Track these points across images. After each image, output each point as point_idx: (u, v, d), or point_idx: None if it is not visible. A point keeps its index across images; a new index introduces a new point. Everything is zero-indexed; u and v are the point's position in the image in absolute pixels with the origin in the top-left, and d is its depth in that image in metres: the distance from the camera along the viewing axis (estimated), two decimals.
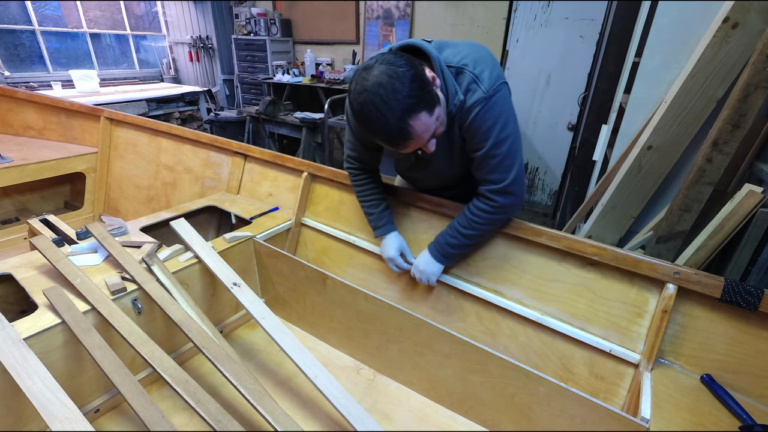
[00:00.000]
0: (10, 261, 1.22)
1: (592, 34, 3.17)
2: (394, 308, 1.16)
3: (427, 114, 0.90)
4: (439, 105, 0.94)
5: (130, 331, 0.99)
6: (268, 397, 0.92)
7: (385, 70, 0.86)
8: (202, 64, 6.53)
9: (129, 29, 6.32)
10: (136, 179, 2.29)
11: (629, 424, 0.85)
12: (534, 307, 1.22)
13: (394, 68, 0.86)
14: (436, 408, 1.18)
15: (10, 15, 5.03)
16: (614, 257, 1.08)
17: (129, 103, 4.00)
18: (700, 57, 1.29)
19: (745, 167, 1.36)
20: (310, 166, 1.65)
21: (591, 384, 1.14)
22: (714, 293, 0.96)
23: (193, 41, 6.35)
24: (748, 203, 1.15)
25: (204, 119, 4.84)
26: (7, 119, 2.64)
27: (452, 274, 1.36)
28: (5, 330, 0.91)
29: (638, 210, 1.68)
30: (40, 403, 0.78)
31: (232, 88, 6.35)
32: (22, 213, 2.38)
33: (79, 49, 5.81)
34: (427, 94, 0.89)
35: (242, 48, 5.62)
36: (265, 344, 1.40)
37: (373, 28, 4.82)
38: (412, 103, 0.86)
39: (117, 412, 1.11)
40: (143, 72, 6.60)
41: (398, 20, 4.56)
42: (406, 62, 0.88)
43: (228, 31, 6.20)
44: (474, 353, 1.05)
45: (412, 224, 1.44)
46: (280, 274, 1.45)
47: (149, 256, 1.24)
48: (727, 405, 0.92)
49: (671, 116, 1.42)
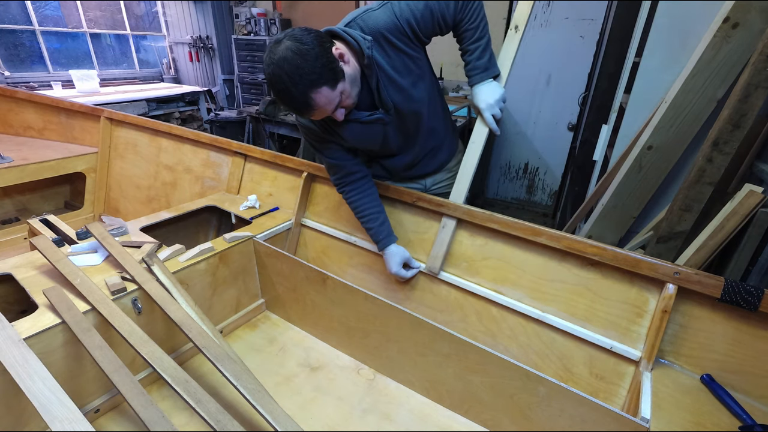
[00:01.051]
0: (10, 261, 1.22)
1: (592, 34, 3.17)
2: (394, 308, 1.16)
3: (328, 89, 0.99)
4: (343, 80, 1.02)
5: (130, 331, 0.99)
6: (268, 397, 0.92)
7: (290, 46, 0.94)
8: (202, 64, 6.53)
9: (129, 29, 6.32)
10: (136, 179, 2.29)
11: (629, 424, 0.85)
12: (534, 307, 1.22)
13: (299, 45, 0.94)
14: (436, 408, 1.18)
15: (10, 15, 5.03)
16: (614, 257, 1.08)
17: (129, 103, 4.00)
18: (701, 57, 1.29)
19: (746, 167, 1.36)
20: (310, 166, 1.65)
21: (591, 384, 1.14)
22: (714, 293, 0.96)
23: (193, 41, 6.35)
24: (748, 203, 1.15)
25: (204, 119, 4.84)
26: (8, 119, 2.64)
27: (452, 273, 1.36)
28: (5, 330, 0.91)
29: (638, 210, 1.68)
30: (40, 403, 0.78)
31: (232, 88, 6.35)
32: (22, 213, 2.38)
33: (79, 49, 5.81)
34: (330, 71, 0.98)
35: (242, 48, 5.62)
36: (265, 344, 1.40)
37: None
38: (313, 78, 0.96)
39: (117, 412, 1.11)
40: (143, 72, 6.60)
41: None
42: (313, 39, 0.96)
43: (228, 31, 6.20)
44: (474, 353, 1.05)
45: (413, 224, 1.44)
46: (280, 274, 1.45)
47: (149, 256, 1.24)
48: (727, 405, 0.92)
49: (671, 116, 1.42)
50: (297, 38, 0.95)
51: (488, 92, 1.22)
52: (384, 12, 1.08)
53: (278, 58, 0.94)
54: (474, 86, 1.25)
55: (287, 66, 0.94)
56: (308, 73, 0.95)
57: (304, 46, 0.94)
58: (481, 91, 1.23)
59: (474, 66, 1.22)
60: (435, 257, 1.37)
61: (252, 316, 1.52)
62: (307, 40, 0.95)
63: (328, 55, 0.98)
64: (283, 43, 0.95)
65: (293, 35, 0.96)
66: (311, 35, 0.97)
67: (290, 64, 0.94)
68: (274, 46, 0.96)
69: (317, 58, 0.95)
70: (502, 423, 1.08)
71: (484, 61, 1.20)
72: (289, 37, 0.96)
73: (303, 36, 0.96)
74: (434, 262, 1.37)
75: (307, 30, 0.99)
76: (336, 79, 1.00)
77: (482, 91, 1.23)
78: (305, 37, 0.96)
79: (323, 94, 0.98)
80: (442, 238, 1.36)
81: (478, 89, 1.24)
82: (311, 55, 0.94)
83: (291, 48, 0.94)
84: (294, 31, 0.98)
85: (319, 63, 0.95)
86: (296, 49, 0.94)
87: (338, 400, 1.20)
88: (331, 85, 0.99)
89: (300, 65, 0.94)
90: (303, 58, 0.94)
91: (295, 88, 0.96)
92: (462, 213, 1.32)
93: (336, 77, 0.99)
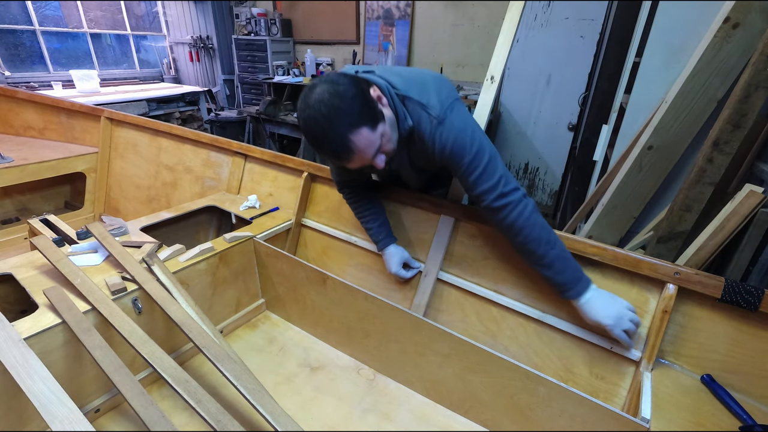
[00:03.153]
0: (11, 261, 1.22)
1: (592, 34, 3.17)
2: (394, 308, 1.16)
3: (368, 129, 0.92)
4: (383, 122, 0.95)
5: (131, 331, 0.99)
6: (268, 397, 0.92)
7: (327, 89, 0.89)
8: (202, 64, 6.53)
9: (129, 29, 6.32)
10: (136, 179, 2.29)
11: (629, 424, 0.85)
12: (534, 306, 1.22)
13: (336, 86, 0.90)
14: (436, 408, 1.18)
15: (11, 15, 5.04)
16: (615, 257, 1.08)
17: (129, 103, 3.99)
18: (701, 57, 1.29)
19: (746, 167, 1.36)
20: (310, 166, 1.65)
21: (591, 384, 1.13)
22: (714, 293, 0.96)
23: (193, 41, 6.36)
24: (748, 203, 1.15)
25: (204, 119, 4.84)
26: (8, 119, 2.65)
27: (452, 273, 1.36)
28: (5, 330, 0.91)
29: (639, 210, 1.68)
30: (41, 403, 0.78)
31: (233, 88, 6.35)
32: (22, 213, 2.38)
33: (79, 49, 5.82)
34: (370, 111, 0.92)
35: (242, 48, 5.62)
36: (265, 344, 1.40)
37: (373, 28, 4.82)
38: (352, 118, 0.90)
39: (117, 412, 1.12)
40: (144, 72, 6.60)
41: (398, 20, 4.56)
42: (349, 81, 0.92)
43: (228, 31, 6.20)
44: (474, 353, 1.05)
45: (413, 224, 1.44)
46: (280, 274, 1.45)
47: (149, 256, 1.24)
48: (727, 405, 0.92)
49: (672, 116, 1.41)
50: (332, 81, 0.91)
51: (603, 305, 1.01)
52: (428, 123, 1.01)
53: (314, 101, 0.90)
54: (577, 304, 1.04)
55: (324, 108, 0.88)
56: (346, 112, 0.89)
57: (341, 86, 0.90)
58: (592, 307, 1.01)
59: (556, 284, 1.04)
60: (435, 257, 1.37)
61: (252, 316, 1.52)
62: (343, 81, 0.91)
63: (366, 96, 0.93)
64: (317, 87, 0.91)
65: (328, 79, 0.92)
66: (347, 77, 0.93)
67: (327, 105, 0.88)
68: (309, 91, 0.92)
69: (355, 97, 0.90)
70: (502, 423, 1.08)
71: (564, 278, 1.02)
72: (324, 81, 0.92)
73: (338, 78, 0.92)
74: (434, 262, 1.37)
75: (342, 74, 0.96)
76: (376, 120, 0.94)
77: (593, 307, 1.01)
78: (341, 79, 0.92)
79: (363, 135, 0.91)
80: (442, 238, 1.36)
81: (586, 307, 1.02)
82: (348, 95, 0.90)
83: (327, 90, 0.89)
84: (328, 75, 0.94)
85: (357, 102, 0.90)
86: (333, 90, 0.89)
87: (338, 400, 1.20)
88: (371, 126, 0.92)
89: (337, 105, 0.88)
90: (340, 98, 0.89)
91: (333, 131, 0.90)
92: (462, 213, 1.33)
93: (376, 118, 0.94)
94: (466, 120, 1.01)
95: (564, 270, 1.02)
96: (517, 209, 1.00)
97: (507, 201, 1.00)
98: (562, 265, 1.02)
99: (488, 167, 0.99)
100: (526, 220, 1.00)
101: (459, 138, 0.99)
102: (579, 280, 1.02)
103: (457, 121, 1.00)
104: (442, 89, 1.04)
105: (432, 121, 1.00)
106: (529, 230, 1.01)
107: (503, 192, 1.00)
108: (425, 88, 1.03)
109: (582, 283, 1.02)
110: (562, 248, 1.02)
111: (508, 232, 1.04)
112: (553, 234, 1.03)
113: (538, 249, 1.02)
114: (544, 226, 1.02)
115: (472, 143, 0.99)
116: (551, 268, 1.03)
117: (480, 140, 1.00)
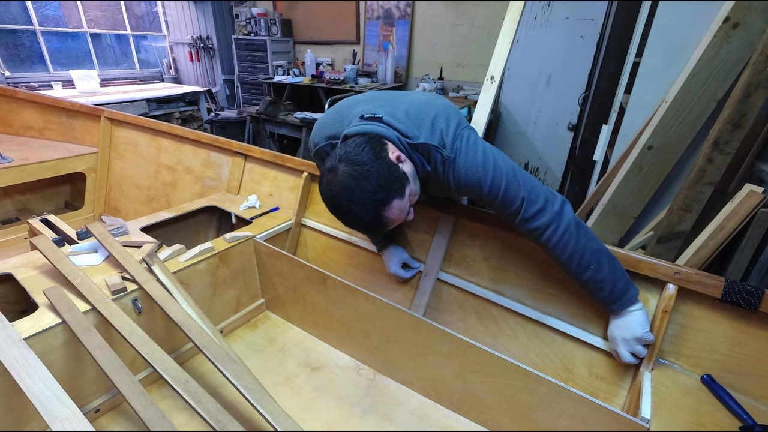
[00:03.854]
0: (11, 261, 1.22)
1: (592, 34, 3.16)
2: (394, 308, 1.16)
3: (398, 199, 0.92)
4: (408, 183, 0.95)
5: (131, 331, 0.99)
6: (268, 397, 0.92)
7: (350, 172, 0.88)
8: (202, 64, 6.53)
9: (129, 29, 6.32)
10: (136, 179, 2.29)
11: (629, 424, 0.85)
12: (534, 306, 1.22)
13: (359, 168, 0.88)
14: (436, 408, 1.18)
15: (11, 15, 5.03)
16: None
17: (129, 103, 4.00)
18: (701, 57, 1.29)
19: (746, 167, 1.36)
20: (310, 166, 1.65)
21: (591, 384, 1.13)
22: (714, 293, 0.96)
23: (193, 41, 6.35)
24: (748, 203, 1.15)
25: (204, 119, 4.84)
26: (8, 119, 2.65)
27: (452, 273, 1.36)
28: (5, 330, 0.91)
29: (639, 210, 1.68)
30: (41, 403, 0.78)
31: (233, 88, 6.34)
32: (22, 213, 2.38)
33: (79, 49, 5.81)
34: (395, 182, 0.91)
35: (242, 48, 5.62)
36: (265, 344, 1.40)
37: (373, 28, 4.81)
38: (382, 197, 0.89)
39: (117, 412, 1.11)
40: (144, 72, 6.60)
41: (398, 20, 4.56)
42: (369, 156, 0.90)
43: (228, 31, 6.20)
44: (474, 353, 1.05)
45: (413, 224, 1.44)
46: (280, 274, 1.45)
47: (149, 256, 1.24)
48: (727, 405, 0.92)
49: (672, 116, 1.41)
50: (352, 161, 0.89)
51: (625, 326, 1.03)
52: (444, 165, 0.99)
53: (340, 189, 0.89)
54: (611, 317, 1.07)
55: (352, 195, 0.88)
56: (376, 193, 0.88)
57: (363, 167, 0.88)
58: (617, 326, 1.04)
59: (596, 299, 1.05)
60: (435, 257, 1.37)
61: (252, 316, 1.52)
62: (364, 158, 0.89)
63: (389, 167, 0.90)
64: (339, 170, 0.89)
65: (347, 158, 0.90)
66: (365, 150, 0.90)
67: (354, 192, 0.88)
68: (331, 175, 0.91)
69: (379, 174, 0.88)
70: (502, 423, 1.08)
71: (604, 294, 1.01)
72: (344, 160, 0.90)
73: (357, 155, 0.90)
74: (434, 262, 1.37)
75: (357, 144, 0.92)
76: (403, 188, 0.93)
77: (618, 326, 1.04)
78: (360, 156, 0.89)
79: (395, 207, 0.92)
80: (442, 238, 1.36)
81: (614, 323, 1.06)
82: (372, 175, 0.88)
83: (351, 174, 0.88)
84: (347, 151, 0.91)
85: (383, 178, 0.89)
86: (357, 174, 0.88)
87: (338, 400, 1.20)
88: (400, 196, 0.92)
89: (365, 188, 0.88)
90: (366, 180, 0.87)
91: (367, 214, 0.90)
92: (462, 213, 1.33)
93: (402, 186, 0.92)
94: (476, 149, 0.98)
95: (597, 291, 1.02)
96: (545, 235, 0.99)
97: (532, 227, 0.99)
98: (595, 287, 1.01)
99: (508, 192, 0.97)
100: (554, 245, 0.99)
101: (471, 172, 0.97)
102: (615, 301, 1.01)
103: (466, 154, 0.98)
104: (450, 120, 1.01)
105: (445, 161, 0.98)
106: (559, 254, 1.00)
107: (525, 218, 0.98)
108: (434, 125, 1.00)
109: (617, 305, 1.02)
110: (596, 271, 0.99)
111: (542, 248, 1.04)
112: (589, 256, 0.99)
113: (570, 270, 1.02)
114: (576, 250, 0.98)
115: (485, 173, 0.96)
116: (585, 287, 1.04)
117: (494, 165, 0.97)
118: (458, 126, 1.01)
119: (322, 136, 1.10)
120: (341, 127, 1.05)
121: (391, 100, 1.07)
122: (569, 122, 3.50)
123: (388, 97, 1.10)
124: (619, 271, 1.01)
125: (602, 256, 1.00)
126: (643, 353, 1.02)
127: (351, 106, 1.09)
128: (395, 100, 1.07)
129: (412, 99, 1.08)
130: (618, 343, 1.04)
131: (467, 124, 1.05)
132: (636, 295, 1.02)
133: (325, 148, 1.10)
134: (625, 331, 1.02)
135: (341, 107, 1.12)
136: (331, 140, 1.08)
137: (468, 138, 1.00)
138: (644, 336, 1.00)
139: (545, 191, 0.99)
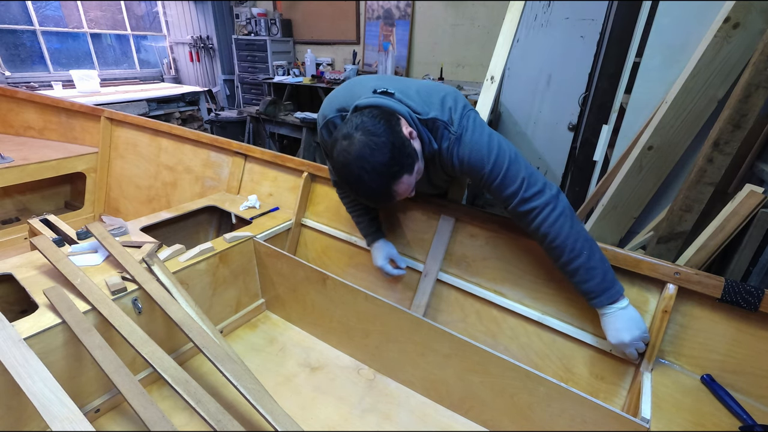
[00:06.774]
0: (11, 261, 1.22)
1: (592, 34, 3.16)
2: (394, 308, 1.16)
3: (408, 175, 0.95)
4: (417, 161, 0.97)
5: (131, 331, 0.99)
6: (268, 397, 0.92)
7: (366, 142, 0.90)
8: (202, 64, 6.53)
9: (129, 29, 6.32)
10: (136, 179, 2.29)
11: (629, 424, 0.85)
12: (534, 307, 1.22)
13: (375, 139, 0.90)
14: (436, 408, 1.18)
15: (11, 15, 5.04)
16: (615, 257, 1.08)
17: (129, 103, 4.00)
18: (701, 57, 1.29)
19: (746, 167, 1.36)
20: (310, 166, 1.65)
21: (591, 384, 1.13)
22: (714, 293, 0.96)
23: (193, 41, 6.36)
24: (749, 203, 1.15)
25: (204, 119, 4.84)
26: (8, 119, 2.65)
27: (452, 273, 1.36)
28: (5, 330, 0.91)
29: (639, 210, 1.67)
30: (41, 403, 0.78)
31: (233, 88, 6.35)
32: (22, 213, 2.38)
33: (79, 49, 5.82)
34: (407, 157, 0.93)
35: (243, 48, 5.62)
36: (265, 344, 1.40)
37: (373, 28, 4.81)
38: (394, 171, 0.92)
39: (117, 412, 1.12)
40: (144, 72, 6.60)
41: (399, 20, 4.56)
42: (384, 128, 0.91)
43: (228, 31, 6.20)
44: (474, 353, 1.05)
45: (413, 224, 1.44)
46: (280, 274, 1.45)
47: (149, 256, 1.24)
48: (727, 405, 0.92)
49: (672, 116, 1.41)
50: (369, 131, 0.90)
51: (619, 326, 1.00)
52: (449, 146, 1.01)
53: (354, 157, 0.90)
54: (600, 314, 1.04)
55: (365, 164, 0.89)
56: (389, 167, 0.90)
57: (379, 138, 0.89)
58: (609, 323, 1.02)
59: (579, 291, 1.04)
60: (435, 257, 1.37)
61: (252, 316, 1.52)
62: (380, 130, 0.90)
63: (403, 142, 0.93)
64: (355, 138, 0.90)
65: (364, 127, 0.91)
66: (381, 122, 0.92)
67: (368, 162, 0.89)
68: (346, 142, 0.91)
69: (393, 147, 0.90)
70: (502, 423, 1.08)
71: (595, 283, 1.00)
72: (360, 130, 0.91)
73: (374, 126, 0.91)
74: (434, 262, 1.37)
75: (373, 116, 0.93)
76: (413, 164, 0.95)
77: (610, 324, 1.02)
78: (376, 128, 0.91)
79: (404, 182, 0.94)
80: (442, 238, 1.36)
81: (605, 321, 1.03)
82: (387, 147, 0.90)
83: (366, 143, 0.89)
84: (363, 120, 0.92)
85: (396, 152, 0.91)
86: (372, 143, 0.89)
87: (338, 400, 1.20)
88: (409, 172, 0.95)
89: (379, 161, 0.89)
90: (381, 151, 0.89)
91: (377, 184, 0.92)
92: (462, 213, 1.33)
93: (413, 162, 0.95)
94: (482, 129, 1.00)
95: (587, 280, 1.00)
96: (542, 215, 0.99)
97: (530, 206, 0.99)
98: (586, 274, 1.00)
99: (509, 172, 0.98)
100: (549, 226, 0.99)
101: (476, 150, 0.98)
102: (604, 292, 1.00)
103: (472, 133, 1.00)
104: (458, 101, 1.04)
105: (451, 137, 1.00)
106: (553, 236, 1.00)
107: (525, 197, 0.99)
108: (443, 103, 1.02)
109: (606, 296, 1.00)
110: (588, 257, 0.99)
111: (533, 235, 1.05)
112: (582, 242, 0.99)
113: (562, 256, 1.01)
114: (571, 233, 0.99)
115: (489, 152, 0.98)
116: (574, 275, 1.02)
117: (498, 146, 0.99)
118: (465, 107, 1.04)
119: (332, 108, 1.11)
120: (351, 100, 1.05)
121: (402, 81, 1.10)
122: (569, 122, 3.50)
123: (398, 80, 1.12)
124: (607, 263, 1.02)
125: (594, 245, 1.01)
126: (643, 348, 1.03)
127: (362, 84, 1.09)
128: (406, 81, 1.10)
129: (421, 82, 1.11)
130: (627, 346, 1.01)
131: (473, 108, 1.07)
132: (623, 290, 1.02)
133: (335, 120, 1.10)
134: (625, 332, 1.00)
135: (352, 84, 1.12)
136: (342, 112, 1.09)
137: (474, 119, 1.02)
138: (645, 335, 1.01)
139: (543, 177, 1.02)
